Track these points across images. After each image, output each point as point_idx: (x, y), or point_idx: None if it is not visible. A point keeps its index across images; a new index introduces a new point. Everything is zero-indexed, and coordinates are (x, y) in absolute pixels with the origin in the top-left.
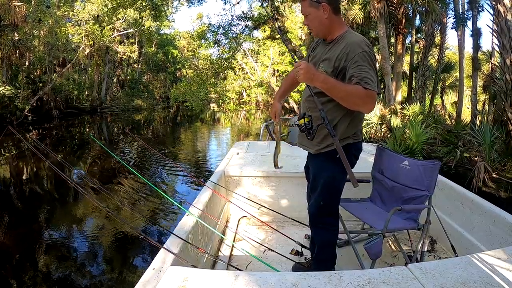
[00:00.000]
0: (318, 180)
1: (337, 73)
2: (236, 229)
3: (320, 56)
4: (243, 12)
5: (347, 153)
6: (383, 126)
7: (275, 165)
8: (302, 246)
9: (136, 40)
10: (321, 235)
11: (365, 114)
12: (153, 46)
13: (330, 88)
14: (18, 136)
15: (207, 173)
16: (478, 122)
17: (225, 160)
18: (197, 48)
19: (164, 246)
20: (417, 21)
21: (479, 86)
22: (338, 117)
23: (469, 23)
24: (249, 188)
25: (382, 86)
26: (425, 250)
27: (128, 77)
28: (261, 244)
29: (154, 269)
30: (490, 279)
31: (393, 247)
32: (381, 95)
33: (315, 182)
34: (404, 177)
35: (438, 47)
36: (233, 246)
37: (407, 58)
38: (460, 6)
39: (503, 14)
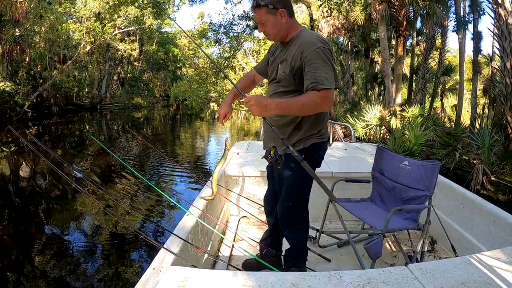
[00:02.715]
0: (285, 181)
1: (294, 72)
2: (236, 229)
3: (279, 58)
4: (244, 11)
5: (311, 152)
6: (383, 128)
7: (212, 191)
8: None
9: (137, 38)
10: (291, 235)
11: (364, 115)
12: (154, 44)
13: (285, 110)
14: (17, 135)
15: (207, 172)
16: (477, 125)
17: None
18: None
19: (164, 246)
20: (418, 24)
21: (479, 89)
22: (301, 116)
23: (470, 26)
24: (249, 188)
25: (382, 88)
26: (425, 250)
27: (128, 75)
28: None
29: (154, 269)
30: (490, 279)
31: (393, 247)
32: (381, 97)
33: (281, 182)
34: (404, 177)
35: (438, 50)
36: (233, 246)
37: (407, 61)
38: (461, 9)
39: (504, 17)
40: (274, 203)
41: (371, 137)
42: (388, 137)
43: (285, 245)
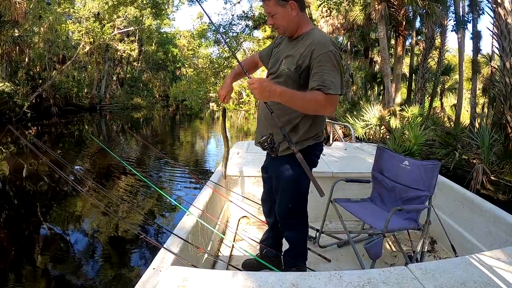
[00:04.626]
0: (284, 182)
1: (300, 71)
2: (236, 229)
3: (284, 53)
4: (243, 11)
5: (308, 153)
6: (382, 127)
7: (224, 176)
8: None
9: (136, 38)
10: (291, 235)
11: (364, 115)
12: (153, 45)
13: (288, 101)
14: (17, 134)
15: (207, 172)
16: (477, 125)
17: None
18: (197, 47)
19: (164, 245)
20: (418, 23)
21: (479, 89)
22: (299, 117)
23: (470, 25)
24: (249, 188)
25: (381, 88)
26: (425, 250)
27: (127, 75)
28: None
29: (154, 268)
30: (490, 279)
31: (393, 247)
32: (381, 97)
33: (280, 184)
34: (404, 177)
35: (438, 50)
36: (233, 246)
37: (407, 60)
38: (460, 8)
39: (503, 17)
40: (271, 203)
41: (371, 137)
42: (388, 137)
43: (285, 245)
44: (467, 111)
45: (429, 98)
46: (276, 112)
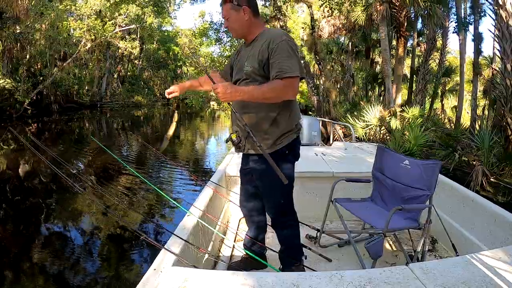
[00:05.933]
0: (272, 181)
1: (263, 65)
2: (237, 229)
3: (244, 57)
4: None
5: (293, 148)
6: (382, 128)
7: None
8: (303, 245)
9: (138, 36)
10: (286, 233)
11: (364, 116)
12: (155, 43)
13: (250, 97)
14: (17, 135)
15: (207, 172)
16: (477, 127)
17: (226, 160)
18: (199, 46)
19: (165, 246)
20: (419, 25)
21: (480, 91)
22: (276, 111)
23: (471, 27)
24: None
25: (382, 88)
26: (426, 249)
27: (128, 73)
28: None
29: (154, 269)
30: (491, 278)
31: (394, 247)
32: (381, 97)
33: (267, 183)
34: (404, 176)
35: (439, 51)
36: (233, 246)
37: (408, 61)
38: (462, 10)
39: (505, 19)
40: (254, 203)
41: (371, 138)
42: (388, 137)
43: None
44: (467, 112)
45: (430, 99)
46: (252, 111)
